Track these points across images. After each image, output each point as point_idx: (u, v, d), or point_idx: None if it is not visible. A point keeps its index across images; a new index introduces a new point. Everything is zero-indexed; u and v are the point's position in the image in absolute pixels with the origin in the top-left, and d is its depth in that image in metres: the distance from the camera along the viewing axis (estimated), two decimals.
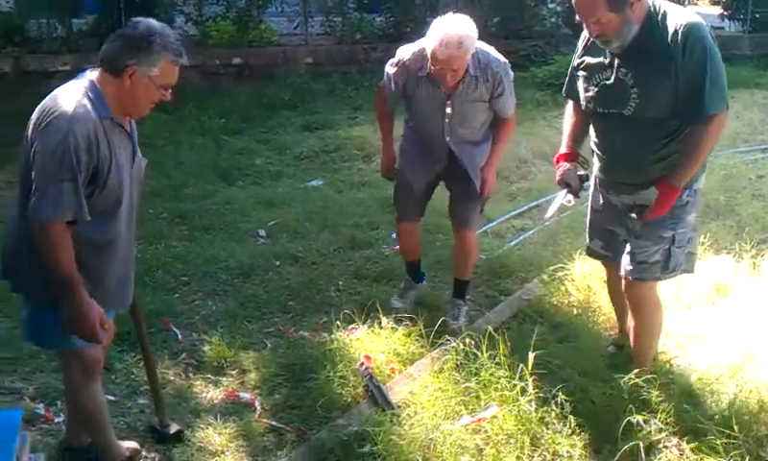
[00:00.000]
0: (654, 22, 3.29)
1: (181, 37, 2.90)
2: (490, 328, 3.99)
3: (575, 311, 4.59)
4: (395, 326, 4.36)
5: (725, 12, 15.10)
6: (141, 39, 2.82)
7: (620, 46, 3.32)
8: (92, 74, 2.92)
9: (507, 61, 4.34)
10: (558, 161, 3.87)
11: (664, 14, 3.30)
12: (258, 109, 9.82)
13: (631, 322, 3.87)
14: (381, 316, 4.36)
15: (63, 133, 2.72)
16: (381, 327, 4.30)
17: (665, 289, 4.65)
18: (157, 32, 2.85)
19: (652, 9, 3.32)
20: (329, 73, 11.07)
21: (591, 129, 3.73)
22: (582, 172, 3.82)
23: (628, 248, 3.63)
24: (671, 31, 3.24)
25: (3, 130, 9.11)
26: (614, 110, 3.45)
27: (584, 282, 4.77)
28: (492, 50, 4.30)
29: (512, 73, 4.35)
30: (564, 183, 3.80)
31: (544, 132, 8.85)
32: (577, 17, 3.37)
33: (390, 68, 4.40)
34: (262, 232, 6.11)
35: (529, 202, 6.72)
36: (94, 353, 3.12)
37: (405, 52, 4.33)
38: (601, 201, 3.82)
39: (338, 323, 4.51)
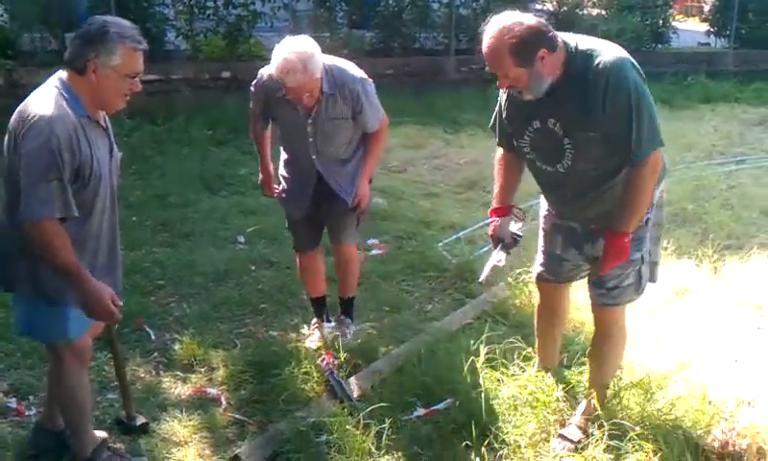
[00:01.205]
0: (574, 66, 3.14)
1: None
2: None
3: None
4: (362, 325, 4.54)
5: (711, 29, 15.32)
6: (97, 32, 2.94)
7: (534, 97, 3.18)
8: (62, 75, 3.03)
9: (365, 77, 4.15)
10: (491, 216, 3.70)
11: (584, 56, 3.13)
12: (246, 122, 9.77)
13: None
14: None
15: (46, 135, 2.83)
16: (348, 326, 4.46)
17: None
18: (112, 22, 2.98)
19: (571, 52, 3.16)
20: None
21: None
22: (516, 230, 3.67)
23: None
24: (591, 75, 3.09)
25: None
26: (552, 167, 3.34)
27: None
28: (349, 67, 4.14)
29: (371, 88, 4.16)
30: (497, 240, 3.66)
31: None
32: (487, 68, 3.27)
33: (252, 89, 4.27)
34: (241, 239, 6.24)
35: None
36: (85, 341, 3.28)
37: (264, 72, 4.15)
38: (551, 223, 3.68)
39: (306, 325, 4.69)
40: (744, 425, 3.41)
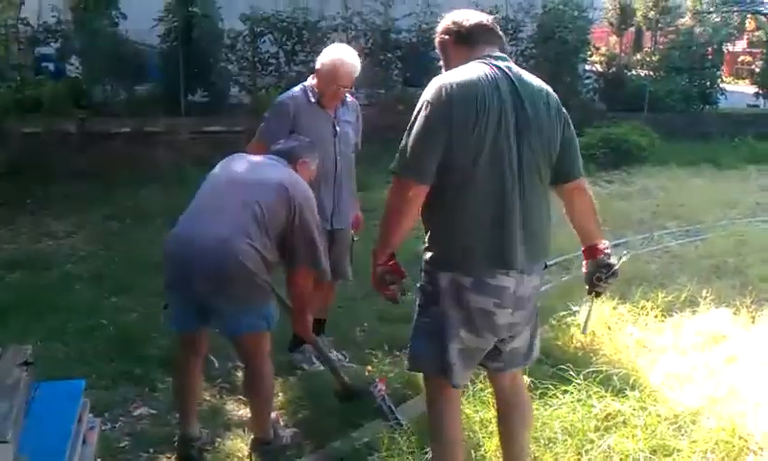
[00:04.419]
0: None
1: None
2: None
3: (579, 353, 4.94)
4: None
5: (759, 91, 15.49)
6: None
7: None
8: None
9: None
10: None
11: None
12: None
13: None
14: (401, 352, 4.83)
15: None
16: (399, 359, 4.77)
17: (662, 336, 5.07)
18: None
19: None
20: (371, 140, 11.64)
21: None
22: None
23: None
24: None
25: (69, 184, 9.87)
26: None
27: (588, 327, 5.13)
28: None
29: None
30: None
31: None
32: None
33: (277, 107, 4.71)
34: None
35: (549, 259, 7.10)
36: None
37: (288, 93, 4.77)
38: None
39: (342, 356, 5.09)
40: None
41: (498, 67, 3.07)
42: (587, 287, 3.38)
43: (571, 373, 4.36)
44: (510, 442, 3.42)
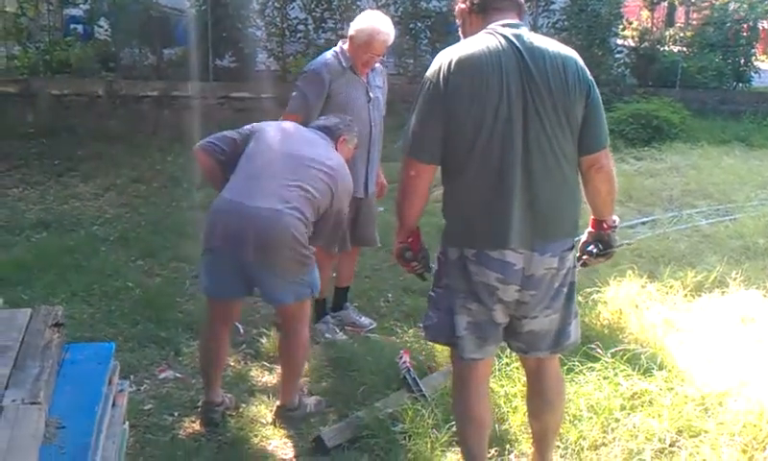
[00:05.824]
0: None
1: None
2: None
3: (606, 331, 4.90)
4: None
5: None
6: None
7: None
8: None
9: None
10: None
11: None
12: None
13: None
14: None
15: None
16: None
17: (690, 316, 5.01)
18: None
19: None
20: (399, 110, 11.57)
21: None
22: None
23: None
24: None
25: (96, 146, 9.89)
26: None
27: (615, 305, 5.10)
28: None
29: None
30: None
31: None
32: None
33: (313, 75, 4.64)
34: None
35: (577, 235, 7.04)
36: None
37: (320, 60, 4.73)
38: None
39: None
40: None
41: (505, 37, 2.95)
42: (577, 254, 3.29)
43: (598, 350, 4.31)
44: (532, 421, 3.43)
